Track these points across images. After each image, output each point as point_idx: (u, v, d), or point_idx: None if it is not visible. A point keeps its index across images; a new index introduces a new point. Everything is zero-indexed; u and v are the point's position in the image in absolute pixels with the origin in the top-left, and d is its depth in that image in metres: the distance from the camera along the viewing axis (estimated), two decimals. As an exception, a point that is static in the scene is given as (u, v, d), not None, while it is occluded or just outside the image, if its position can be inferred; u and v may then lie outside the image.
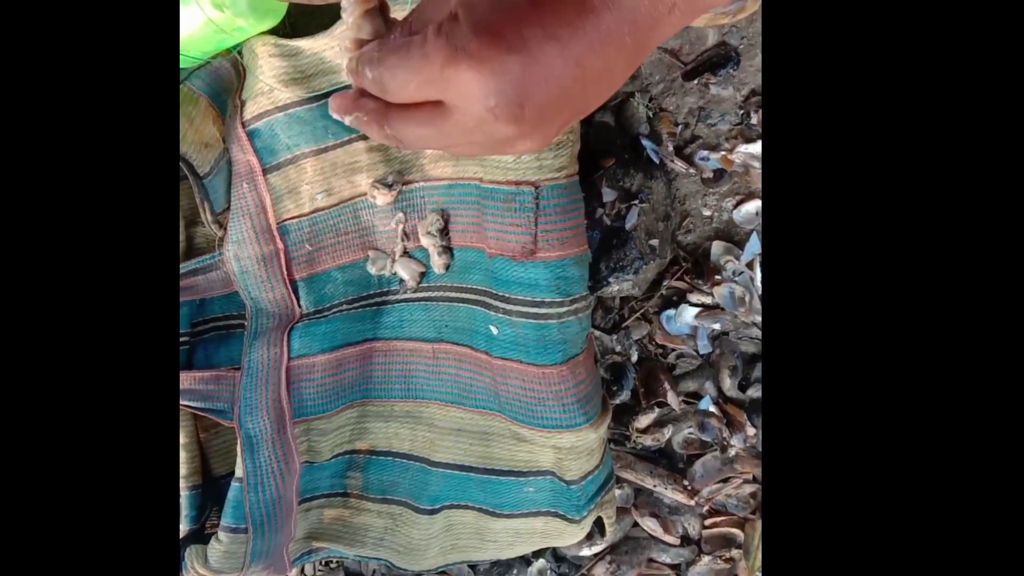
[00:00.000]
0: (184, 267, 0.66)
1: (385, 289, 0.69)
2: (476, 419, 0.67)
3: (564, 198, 0.57)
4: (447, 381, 0.67)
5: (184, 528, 0.68)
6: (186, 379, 0.65)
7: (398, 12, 0.55)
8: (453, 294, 0.66)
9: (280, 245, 0.66)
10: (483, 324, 0.62)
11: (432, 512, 0.70)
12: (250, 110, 0.65)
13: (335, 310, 0.67)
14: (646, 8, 0.31)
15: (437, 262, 0.65)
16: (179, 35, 0.61)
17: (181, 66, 0.65)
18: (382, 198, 0.64)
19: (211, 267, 0.67)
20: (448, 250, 0.66)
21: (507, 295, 0.60)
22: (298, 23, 0.69)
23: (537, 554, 0.83)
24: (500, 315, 0.60)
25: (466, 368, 0.66)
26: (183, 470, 0.69)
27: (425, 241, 0.66)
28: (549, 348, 0.58)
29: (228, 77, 0.67)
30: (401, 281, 0.68)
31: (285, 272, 0.66)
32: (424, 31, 0.31)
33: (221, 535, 0.64)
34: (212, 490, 0.72)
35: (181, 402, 0.65)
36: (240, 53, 0.67)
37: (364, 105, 0.35)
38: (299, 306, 0.67)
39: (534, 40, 0.30)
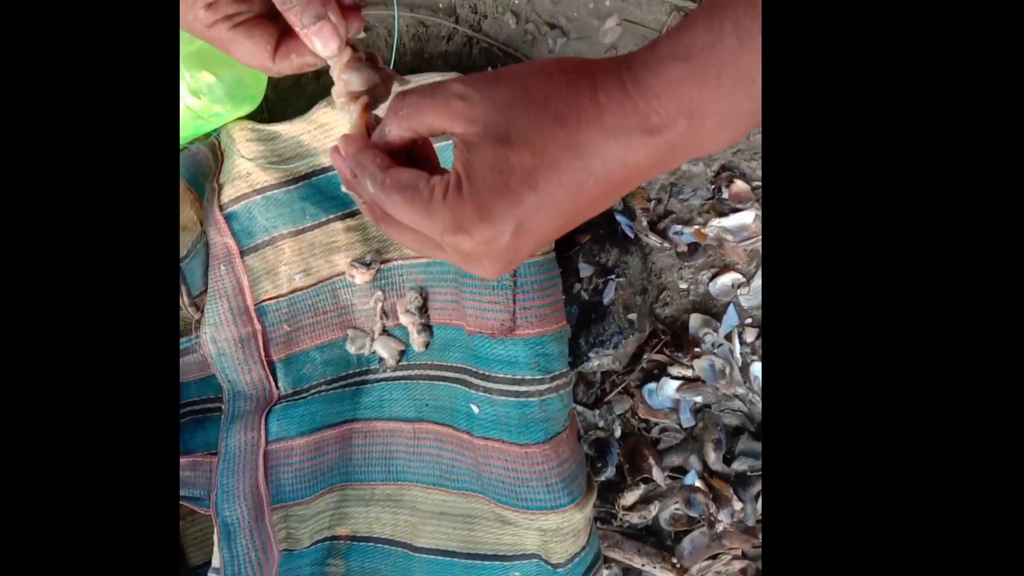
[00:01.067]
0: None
1: (364, 368, 0.69)
2: (459, 501, 0.66)
3: (541, 275, 0.58)
4: (429, 462, 0.67)
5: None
6: (161, 467, 0.64)
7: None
8: (433, 372, 0.66)
9: (258, 326, 0.66)
10: (464, 403, 0.63)
11: (416, 600, 0.68)
12: (227, 193, 0.66)
13: (314, 391, 0.68)
14: (634, 175, 0.35)
15: (417, 340, 0.66)
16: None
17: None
18: (360, 277, 0.65)
19: (188, 350, 0.67)
20: (428, 328, 0.66)
21: (487, 373, 0.60)
22: (275, 108, 0.71)
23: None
24: (481, 393, 0.61)
25: (447, 449, 0.66)
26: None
27: (404, 319, 0.66)
28: (531, 427, 0.58)
29: (206, 161, 0.69)
30: (381, 360, 0.68)
31: (263, 353, 0.67)
32: (430, 187, 0.35)
33: (196, 629, 0.62)
34: (187, 583, 0.70)
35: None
36: (218, 138, 0.69)
37: (362, 193, 0.38)
38: (277, 388, 0.67)
39: (529, 223, 0.34)
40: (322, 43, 0.39)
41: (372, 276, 0.65)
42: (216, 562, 0.63)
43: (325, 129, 0.63)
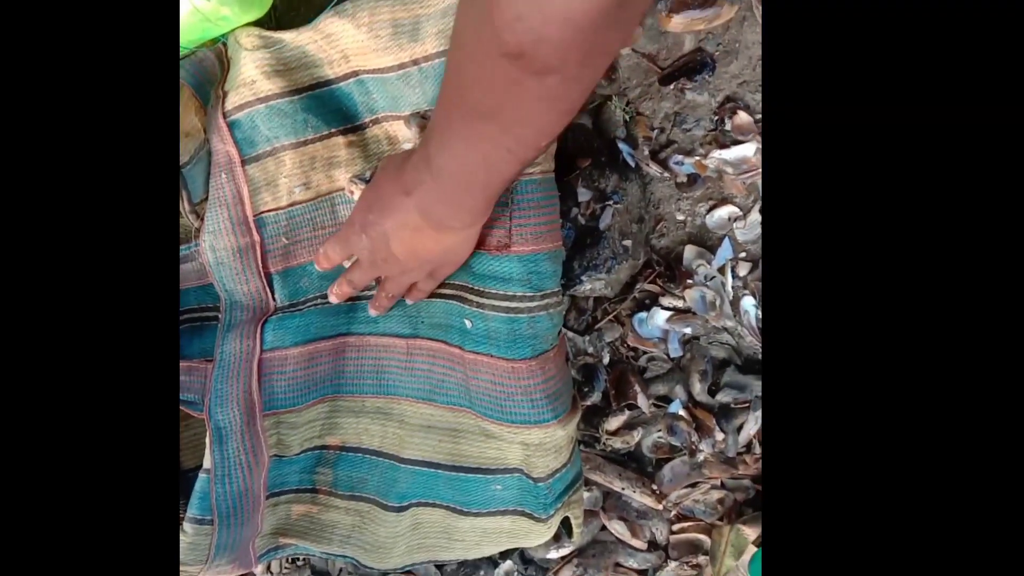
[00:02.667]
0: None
1: None
2: (446, 416, 0.69)
3: (538, 194, 0.60)
4: (420, 377, 0.70)
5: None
6: (158, 369, 0.66)
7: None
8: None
9: (256, 237, 0.68)
10: (458, 319, 0.65)
11: (400, 510, 0.72)
12: (232, 101, 0.67)
13: (309, 304, 0.70)
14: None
15: None
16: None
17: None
18: (360, 193, 0.66)
19: (187, 257, 0.69)
20: None
21: (482, 288, 0.62)
22: (283, 17, 0.71)
23: (504, 556, 0.85)
24: (475, 308, 0.63)
25: (439, 364, 0.68)
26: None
27: None
28: (519, 343, 0.61)
29: (212, 68, 0.69)
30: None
31: (260, 265, 0.68)
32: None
33: (186, 526, 0.66)
34: (180, 483, 0.73)
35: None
36: (225, 44, 0.69)
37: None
38: (274, 299, 0.69)
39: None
40: None
41: (371, 192, 0.67)
42: (207, 463, 0.66)
43: (331, 40, 0.64)
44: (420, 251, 0.59)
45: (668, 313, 0.81)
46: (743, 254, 0.79)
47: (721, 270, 0.79)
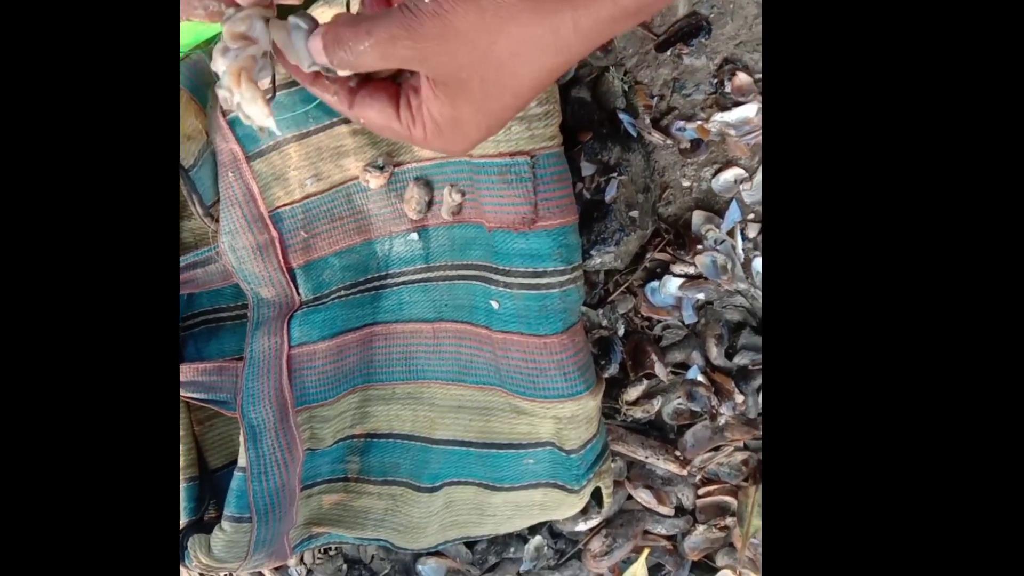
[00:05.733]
0: (183, 260, 0.71)
1: (383, 273, 0.74)
2: (476, 395, 0.73)
3: (559, 166, 0.63)
4: (447, 359, 0.73)
5: (183, 520, 0.73)
6: (189, 371, 0.70)
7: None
8: (453, 272, 0.72)
9: (275, 233, 0.71)
10: (483, 299, 0.68)
11: (432, 490, 0.75)
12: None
13: (333, 296, 0.73)
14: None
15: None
16: (179, 24, 0.65)
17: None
18: (375, 181, 0.69)
19: (209, 260, 0.71)
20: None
21: (507, 268, 0.65)
22: (279, 11, 0.73)
23: (533, 531, 0.89)
24: (501, 288, 0.66)
25: (466, 345, 0.71)
26: (179, 462, 0.73)
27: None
28: (551, 317, 0.64)
29: (207, 70, 0.72)
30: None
31: (282, 260, 0.71)
32: (403, 126, 0.44)
33: (225, 524, 0.69)
34: (208, 482, 0.77)
35: (185, 394, 0.70)
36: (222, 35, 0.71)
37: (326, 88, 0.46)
38: (298, 294, 0.72)
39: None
40: None
41: (386, 180, 0.69)
42: (242, 461, 0.69)
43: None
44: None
45: (680, 280, 0.84)
46: (751, 216, 0.82)
47: (730, 233, 0.82)
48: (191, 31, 0.68)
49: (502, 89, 0.40)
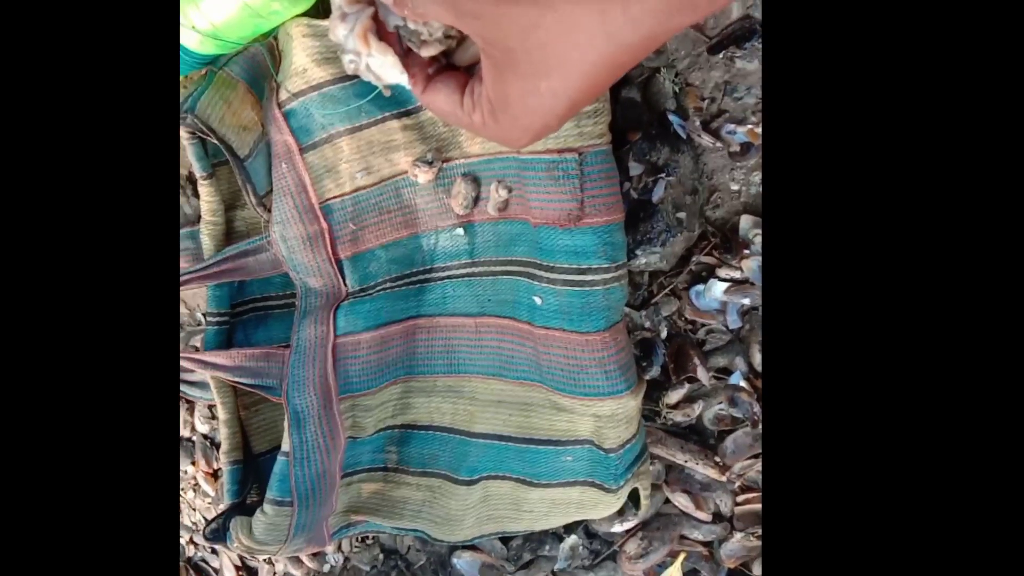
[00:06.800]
0: (235, 248, 0.75)
1: (428, 267, 0.76)
2: (516, 391, 0.74)
3: (606, 164, 0.64)
4: (489, 354, 0.74)
5: (226, 502, 0.76)
6: (238, 356, 0.73)
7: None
8: (498, 268, 0.73)
9: (324, 225, 0.73)
10: (526, 295, 0.69)
11: (470, 483, 0.77)
12: (285, 91, 0.72)
13: (379, 288, 0.75)
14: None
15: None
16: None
17: (218, 52, 0.72)
18: (423, 176, 0.71)
19: (259, 248, 0.74)
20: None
21: (551, 264, 0.67)
22: (331, 5, 0.75)
23: (569, 530, 0.90)
24: (544, 284, 0.67)
25: (508, 340, 0.73)
26: (224, 446, 0.76)
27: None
28: (593, 315, 0.65)
29: (264, 63, 0.74)
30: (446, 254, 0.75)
31: (330, 251, 0.74)
32: (467, 112, 0.47)
33: (267, 507, 0.71)
34: (252, 466, 0.79)
35: (232, 379, 0.73)
36: (275, 38, 0.74)
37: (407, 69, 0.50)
38: (345, 284, 0.75)
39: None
40: None
41: (435, 175, 0.71)
42: (286, 446, 0.72)
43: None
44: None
45: (725, 284, 0.85)
46: (800, 221, 0.82)
47: (778, 238, 0.82)
48: (248, 25, 0.70)
49: (548, 68, 0.41)
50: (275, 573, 1.06)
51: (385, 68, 0.48)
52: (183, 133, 0.74)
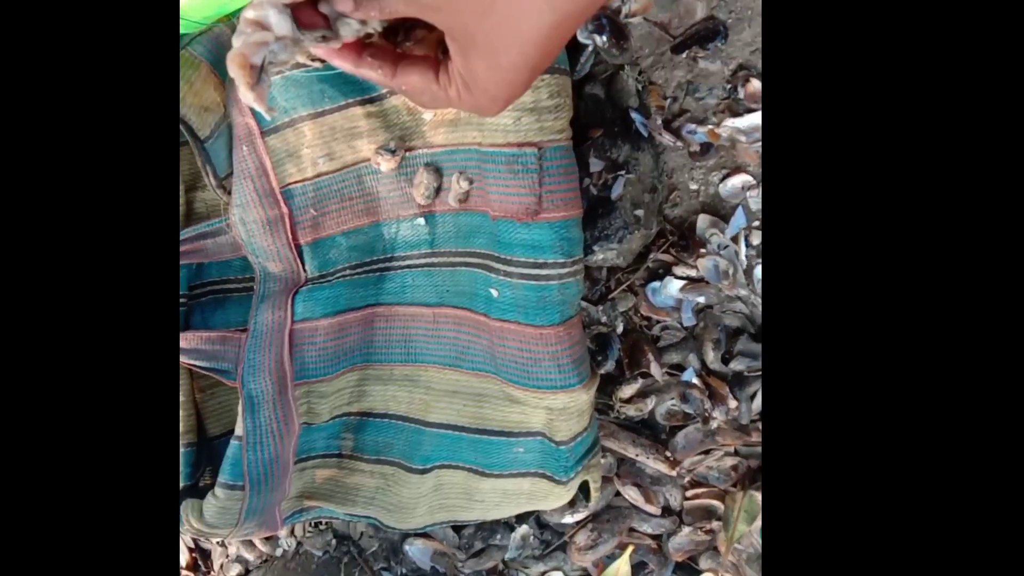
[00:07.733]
0: (194, 230, 0.74)
1: (389, 255, 0.77)
2: (471, 381, 0.75)
3: (566, 160, 0.66)
4: (446, 344, 0.76)
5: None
6: (194, 339, 0.73)
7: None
8: (456, 259, 0.74)
9: (285, 209, 0.73)
10: (484, 287, 0.71)
11: (423, 472, 0.78)
12: (247, 73, 0.72)
13: (339, 275, 0.76)
14: None
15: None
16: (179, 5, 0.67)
17: (182, 31, 0.72)
18: (386, 164, 0.71)
19: (220, 231, 0.74)
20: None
21: (509, 257, 0.68)
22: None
23: (521, 520, 0.91)
24: (501, 277, 0.68)
25: (465, 331, 0.74)
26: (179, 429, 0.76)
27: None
28: (548, 309, 0.67)
29: (228, 43, 0.74)
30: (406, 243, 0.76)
31: (290, 236, 0.74)
32: (442, 89, 0.50)
33: (218, 491, 0.72)
34: (206, 449, 0.80)
35: (188, 361, 0.73)
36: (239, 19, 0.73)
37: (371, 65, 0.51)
38: (304, 270, 0.75)
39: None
40: None
41: (397, 163, 0.72)
42: (239, 431, 0.72)
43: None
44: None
45: (681, 282, 0.86)
46: (756, 223, 0.84)
47: (734, 239, 0.84)
48: (212, 4, 0.70)
49: (507, 45, 0.45)
50: (228, 556, 1.06)
51: (244, 92, 0.50)
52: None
